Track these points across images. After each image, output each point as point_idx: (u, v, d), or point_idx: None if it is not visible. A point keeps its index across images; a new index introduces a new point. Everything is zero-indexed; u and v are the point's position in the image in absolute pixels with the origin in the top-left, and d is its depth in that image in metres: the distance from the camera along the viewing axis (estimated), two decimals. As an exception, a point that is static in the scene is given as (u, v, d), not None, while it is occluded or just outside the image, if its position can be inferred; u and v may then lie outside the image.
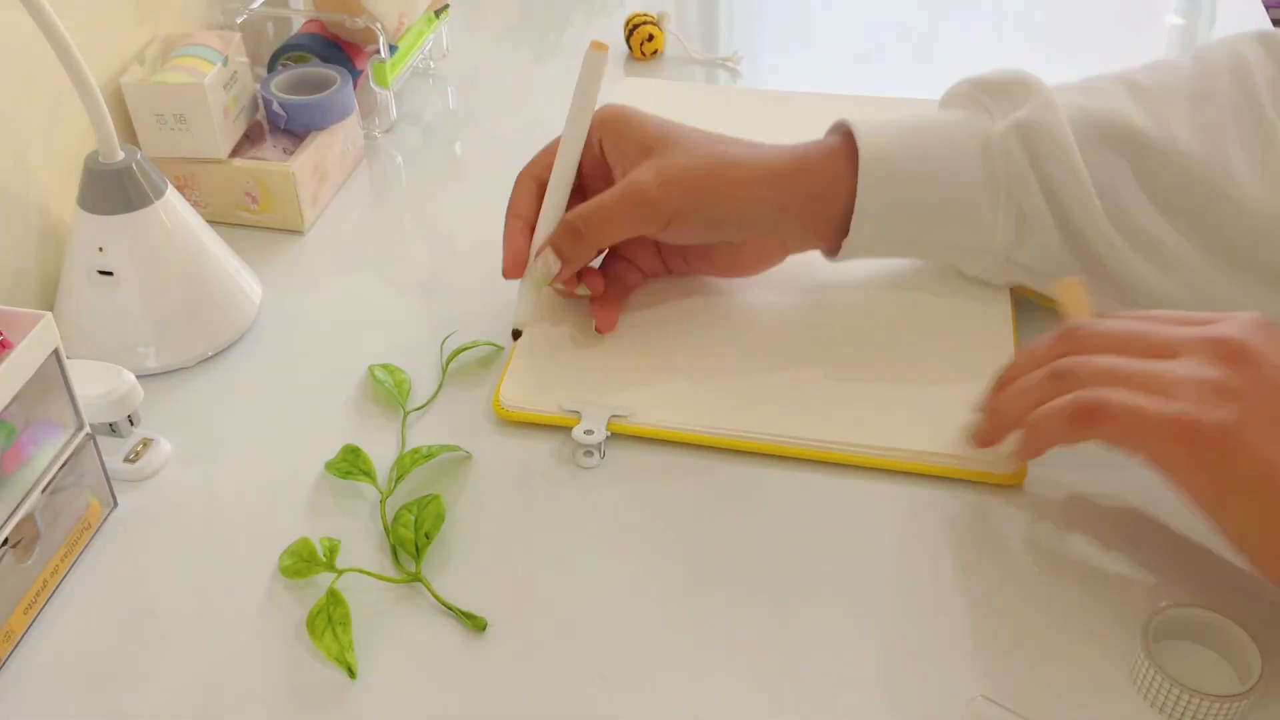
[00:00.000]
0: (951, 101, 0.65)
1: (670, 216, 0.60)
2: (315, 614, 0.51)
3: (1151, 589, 0.51)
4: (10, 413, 0.48)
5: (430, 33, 0.89)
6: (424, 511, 0.55)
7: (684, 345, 0.64)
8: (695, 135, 0.62)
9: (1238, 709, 0.46)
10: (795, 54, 0.95)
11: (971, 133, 0.61)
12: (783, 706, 0.48)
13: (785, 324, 0.65)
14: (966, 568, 0.53)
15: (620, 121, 0.62)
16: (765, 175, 0.60)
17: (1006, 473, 0.56)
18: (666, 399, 0.60)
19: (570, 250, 0.60)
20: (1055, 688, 0.48)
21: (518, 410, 0.60)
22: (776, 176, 0.60)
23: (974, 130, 0.61)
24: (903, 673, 0.49)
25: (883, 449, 0.58)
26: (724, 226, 0.62)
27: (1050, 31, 0.98)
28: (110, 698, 0.49)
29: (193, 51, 0.73)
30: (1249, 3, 1.00)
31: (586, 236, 0.60)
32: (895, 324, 0.65)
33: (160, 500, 0.57)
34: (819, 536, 0.55)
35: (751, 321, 0.65)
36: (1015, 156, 0.59)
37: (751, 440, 0.58)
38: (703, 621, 0.51)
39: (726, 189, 0.60)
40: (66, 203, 0.68)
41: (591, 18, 1.00)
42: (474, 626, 0.51)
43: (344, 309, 0.69)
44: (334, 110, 0.77)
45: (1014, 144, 0.59)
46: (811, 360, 0.63)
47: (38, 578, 0.52)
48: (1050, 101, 0.59)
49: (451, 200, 0.80)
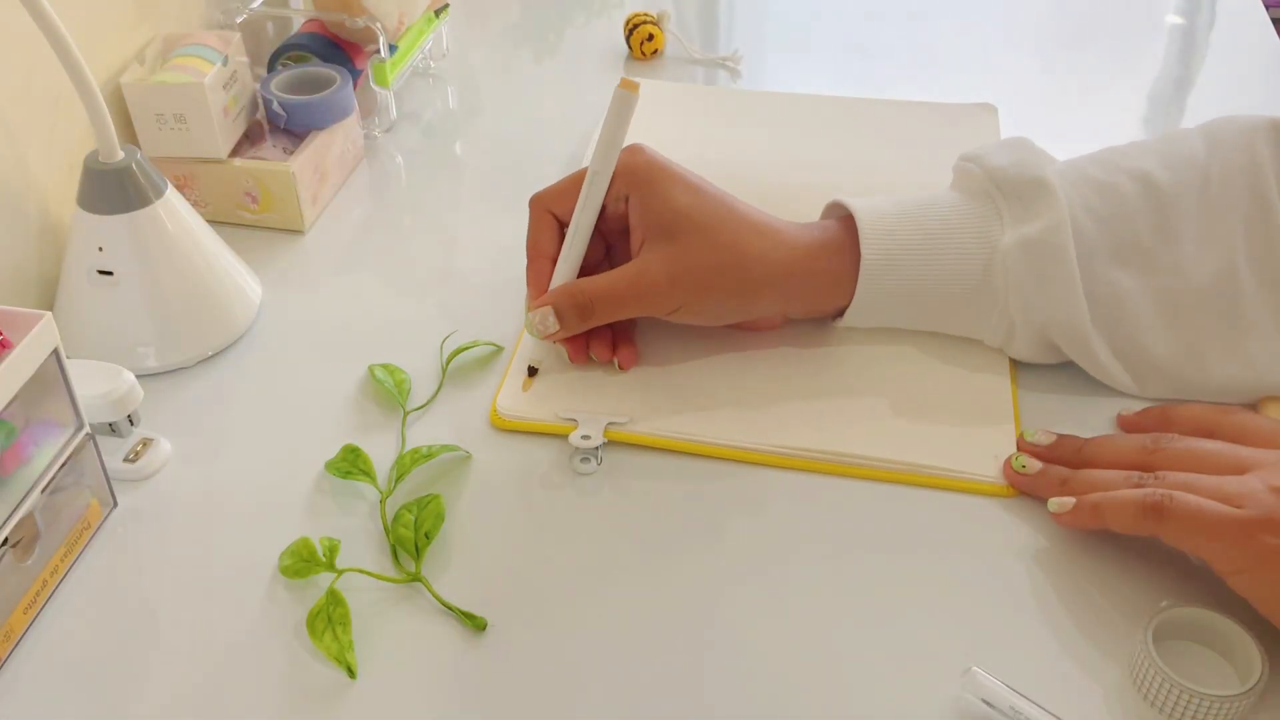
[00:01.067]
0: (960, 184, 0.63)
1: (676, 307, 0.61)
2: (315, 614, 0.51)
3: (1151, 589, 0.51)
4: (10, 412, 0.48)
5: (430, 32, 0.89)
6: (424, 511, 0.55)
7: (680, 355, 0.64)
8: (719, 215, 0.61)
9: (1238, 709, 0.46)
10: (795, 54, 0.95)
11: (977, 240, 0.60)
12: (783, 705, 0.48)
13: (782, 335, 0.65)
14: (965, 569, 0.53)
15: (651, 184, 0.61)
16: (776, 276, 0.60)
17: (1000, 485, 0.57)
18: (664, 407, 0.60)
19: (572, 321, 0.61)
20: (1055, 687, 0.48)
21: (515, 420, 0.60)
22: (787, 277, 0.61)
23: (980, 237, 0.60)
24: (901, 673, 0.49)
25: (878, 461, 0.58)
26: (729, 319, 0.63)
27: (1050, 31, 0.98)
28: (110, 698, 0.49)
29: (193, 51, 0.73)
30: (1249, 3, 1.00)
31: (592, 315, 0.61)
32: (892, 337, 0.65)
33: (160, 500, 0.57)
34: (815, 543, 0.55)
35: (748, 333, 0.65)
36: (1018, 275, 0.59)
37: (747, 450, 0.58)
38: (700, 624, 0.51)
39: (735, 290, 0.60)
40: (66, 203, 0.68)
41: (591, 18, 1.00)
42: (474, 626, 0.51)
43: (344, 309, 0.69)
44: (334, 110, 0.77)
45: (1019, 262, 0.59)
46: (808, 372, 0.63)
47: (38, 578, 0.52)
48: (1062, 221, 0.58)
49: (451, 200, 0.80)
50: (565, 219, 0.63)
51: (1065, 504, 0.53)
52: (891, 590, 0.52)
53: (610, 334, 0.63)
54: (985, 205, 0.61)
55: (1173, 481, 0.50)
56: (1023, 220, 0.60)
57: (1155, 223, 0.59)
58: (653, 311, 0.61)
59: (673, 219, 0.60)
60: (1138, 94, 0.90)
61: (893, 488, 0.57)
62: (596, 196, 0.61)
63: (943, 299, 0.61)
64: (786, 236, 0.61)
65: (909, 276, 0.61)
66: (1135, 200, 0.60)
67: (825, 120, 0.85)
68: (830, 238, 0.62)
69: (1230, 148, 0.60)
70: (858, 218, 0.61)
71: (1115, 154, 0.63)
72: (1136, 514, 0.50)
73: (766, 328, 0.65)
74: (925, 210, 0.61)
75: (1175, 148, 0.62)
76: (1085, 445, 0.56)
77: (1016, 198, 0.60)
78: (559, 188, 0.63)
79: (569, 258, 0.62)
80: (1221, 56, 0.95)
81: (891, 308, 0.62)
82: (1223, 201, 0.59)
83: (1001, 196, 0.61)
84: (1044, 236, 0.58)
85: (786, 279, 0.61)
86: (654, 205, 0.60)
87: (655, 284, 0.60)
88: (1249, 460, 0.50)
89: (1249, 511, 0.47)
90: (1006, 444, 0.58)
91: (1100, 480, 0.53)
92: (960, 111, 0.84)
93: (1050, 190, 0.59)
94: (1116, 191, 0.60)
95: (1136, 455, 0.54)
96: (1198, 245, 0.59)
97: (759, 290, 0.61)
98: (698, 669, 0.49)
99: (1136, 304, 0.59)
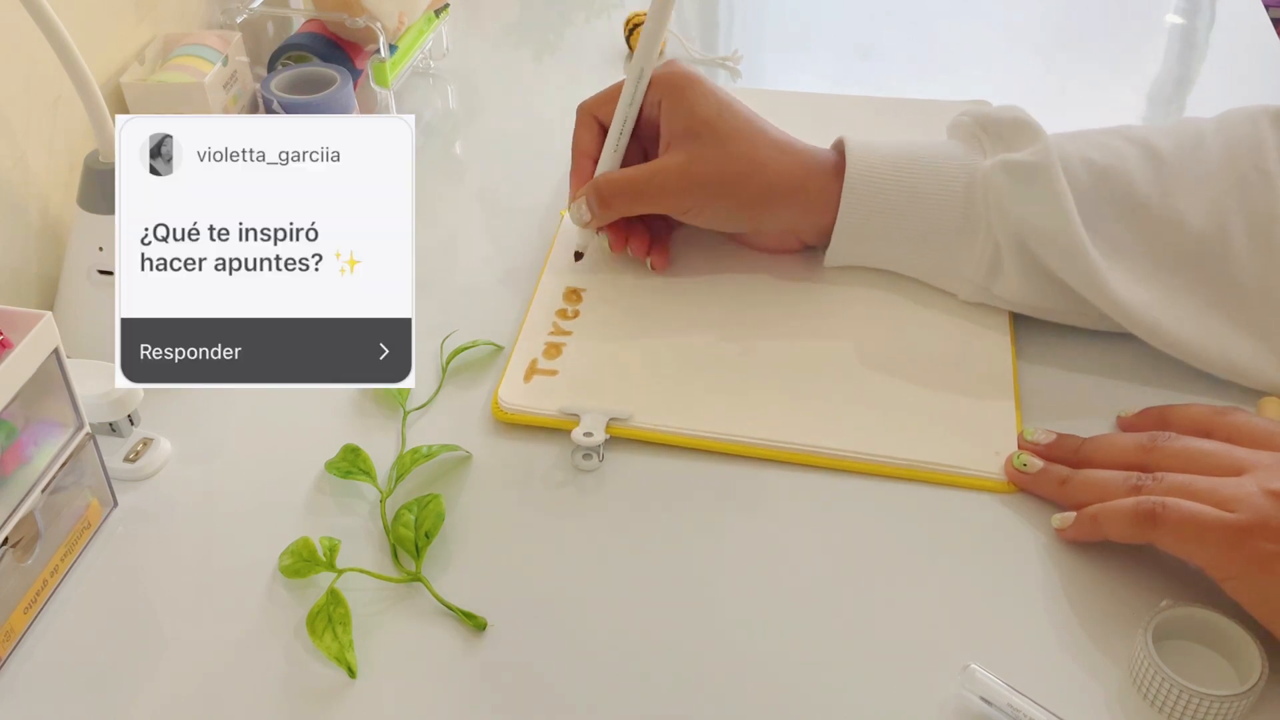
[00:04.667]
0: (953, 133, 0.67)
1: (688, 208, 0.66)
2: (315, 614, 0.51)
3: (1152, 589, 0.51)
4: (10, 412, 0.48)
5: (430, 32, 0.89)
6: (424, 511, 0.55)
7: (684, 350, 0.64)
8: (738, 127, 0.65)
9: (1238, 709, 0.46)
10: (795, 54, 0.95)
11: (959, 165, 0.63)
12: (782, 702, 0.48)
13: (785, 330, 0.65)
14: (965, 567, 0.53)
15: (681, 91, 0.65)
16: (783, 189, 0.65)
17: (1001, 482, 0.57)
18: (666, 403, 0.60)
19: (598, 211, 0.66)
20: (1055, 686, 0.48)
21: (516, 413, 0.60)
22: (793, 192, 0.65)
23: (962, 164, 0.63)
24: (900, 670, 0.49)
25: (880, 457, 0.58)
26: (738, 226, 0.68)
27: (1050, 31, 0.98)
28: (110, 697, 0.49)
29: (192, 51, 0.73)
30: (1249, 3, 1.00)
31: (612, 206, 0.66)
32: (894, 332, 0.65)
33: (160, 500, 0.57)
34: (817, 539, 0.55)
35: (751, 327, 0.65)
36: (999, 192, 0.61)
37: (750, 445, 0.58)
38: (700, 622, 0.51)
39: (741, 195, 0.65)
40: (66, 203, 0.68)
41: (591, 17, 1.00)
42: (474, 626, 0.51)
43: (344, 309, 0.69)
44: (334, 110, 0.76)
45: (999, 181, 0.61)
46: (811, 367, 0.63)
47: (38, 577, 0.52)
48: (1047, 148, 0.61)
49: (451, 200, 0.80)
50: (607, 122, 0.67)
51: (1067, 519, 0.53)
52: (891, 586, 0.52)
53: (648, 234, 0.68)
54: (970, 142, 0.65)
55: (1169, 484, 0.51)
56: (1005, 150, 0.62)
57: (1151, 179, 0.61)
58: (667, 208, 0.66)
59: (697, 125, 0.64)
60: (1138, 94, 0.90)
61: (894, 484, 0.57)
62: (640, 88, 0.65)
63: (925, 225, 0.63)
64: (798, 154, 0.65)
65: (890, 201, 0.63)
66: (1133, 159, 0.62)
67: (824, 119, 0.85)
68: (831, 160, 0.66)
69: (1234, 124, 0.62)
70: (846, 143, 0.65)
71: (1120, 127, 0.65)
72: (1131, 522, 0.50)
73: (780, 249, 0.69)
74: (913, 146, 0.65)
75: (1183, 127, 0.64)
76: (1084, 445, 0.56)
77: (999, 136, 0.63)
78: (604, 95, 0.68)
79: (610, 150, 0.66)
80: (1221, 56, 0.95)
81: (875, 236, 0.65)
82: (1223, 167, 0.61)
83: (985, 135, 0.64)
84: (1027, 159, 0.61)
85: (789, 192, 0.65)
86: (681, 110, 0.65)
87: (671, 181, 0.64)
88: (1245, 461, 0.50)
89: (1242, 516, 0.47)
90: (1008, 440, 0.58)
91: (1098, 481, 0.54)
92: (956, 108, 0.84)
93: (1035, 129, 0.62)
94: (1115, 150, 0.62)
95: (1134, 454, 0.54)
96: (1193, 202, 0.60)
97: (764, 199, 0.65)
98: (698, 667, 0.49)
99: (1130, 252, 0.61)
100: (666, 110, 0.65)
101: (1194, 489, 0.50)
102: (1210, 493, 0.49)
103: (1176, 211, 0.60)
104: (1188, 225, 0.60)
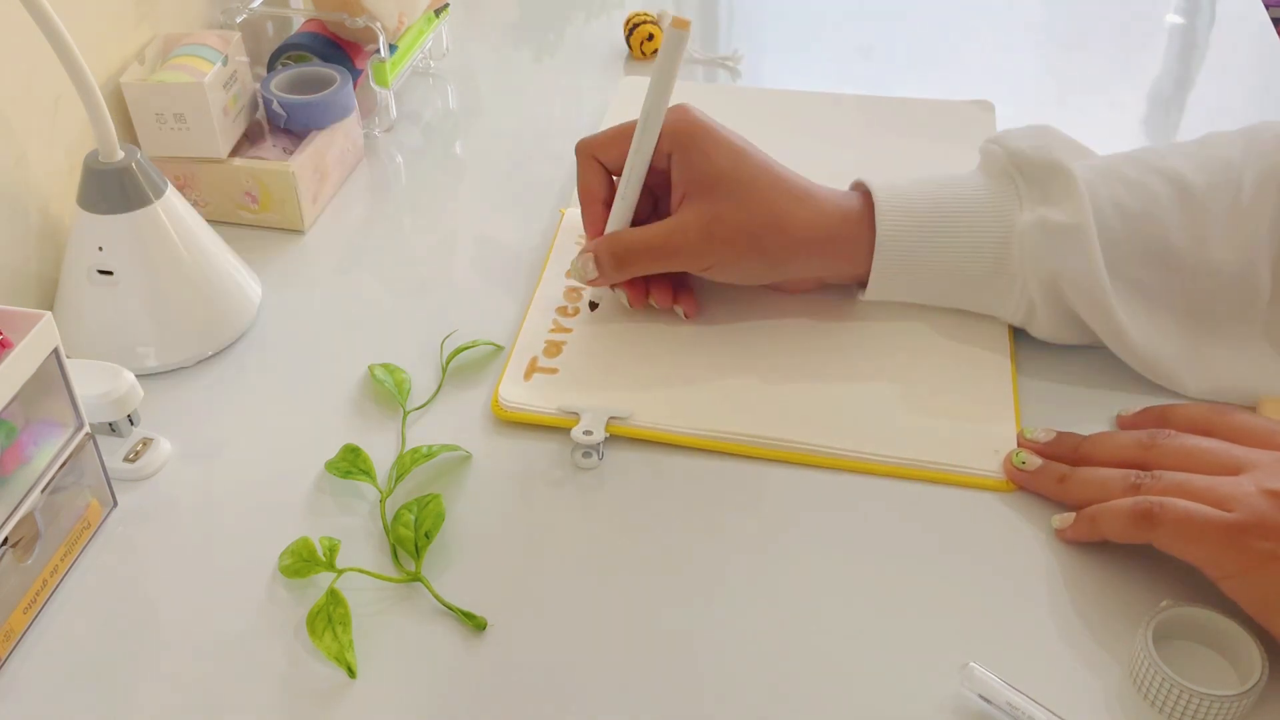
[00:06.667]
0: (985, 165, 0.64)
1: (709, 265, 0.63)
2: (315, 614, 0.51)
3: (1152, 589, 0.51)
4: (10, 412, 0.48)
5: (430, 32, 0.89)
6: (424, 511, 0.55)
7: (683, 348, 0.64)
8: (755, 177, 0.62)
9: (1238, 708, 0.46)
10: (795, 53, 0.95)
11: (994, 217, 0.61)
12: (782, 700, 0.48)
13: (785, 329, 0.65)
14: (965, 567, 0.53)
15: (694, 141, 0.62)
16: (807, 241, 0.62)
17: (1001, 480, 0.57)
18: (665, 401, 0.60)
19: (608, 270, 0.63)
20: (1054, 685, 0.48)
21: (516, 410, 0.60)
22: (817, 243, 0.62)
23: (997, 215, 0.61)
24: (900, 668, 0.49)
25: (880, 456, 0.58)
26: (761, 280, 0.65)
27: (1050, 31, 0.98)
28: (110, 697, 0.49)
29: (192, 51, 0.73)
30: (1249, 3, 1.00)
31: (628, 266, 0.63)
32: (894, 332, 0.65)
33: (160, 500, 0.57)
34: (817, 537, 0.55)
35: (751, 325, 0.65)
36: (1035, 256, 0.60)
37: (750, 444, 0.58)
38: (702, 620, 0.51)
39: (767, 252, 0.62)
40: (66, 202, 0.68)
41: (591, 17, 1.00)
42: (474, 626, 0.51)
43: (344, 309, 0.69)
44: (334, 110, 0.77)
45: (1036, 239, 0.59)
46: (810, 365, 0.63)
47: (37, 577, 0.52)
48: (1083, 206, 0.58)
49: (451, 200, 0.80)
50: (610, 166, 0.64)
51: (1066, 519, 0.54)
52: (891, 584, 0.52)
53: (670, 283, 0.65)
54: (1005, 185, 0.62)
55: (1167, 482, 0.51)
56: (1041, 203, 0.60)
57: (1185, 224, 0.59)
58: (686, 267, 0.63)
59: (713, 179, 0.61)
60: (1138, 94, 0.90)
61: (894, 483, 0.57)
62: (650, 139, 0.62)
63: (961, 274, 0.62)
64: (822, 203, 0.62)
65: (924, 251, 0.62)
66: (1166, 200, 0.60)
67: (824, 118, 0.85)
68: (855, 208, 0.63)
69: (1266, 153, 0.60)
70: (873, 191, 0.62)
71: (1151, 154, 0.63)
72: (1129, 522, 0.50)
73: (798, 290, 0.67)
74: (944, 188, 0.62)
75: (1212, 151, 0.62)
76: (1083, 443, 0.56)
77: (1036, 181, 0.61)
78: (604, 136, 0.64)
79: (622, 204, 0.63)
80: (1221, 56, 0.95)
81: (910, 283, 0.63)
82: (1255, 207, 0.59)
83: (1022, 178, 0.61)
84: (1066, 220, 0.59)
85: (817, 245, 0.62)
86: (695, 163, 0.62)
87: (690, 241, 0.62)
88: (1243, 460, 0.50)
89: (1238, 515, 0.47)
90: (1007, 439, 0.58)
91: (1097, 479, 0.54)
92: (956, 108, 0.84)
93: (1070, 177, 0.59)
94: (1147, 190, 0.60)
95: (1133, 452, 0.54)
96: (1224, 248, 0.59)
97: (791, 254, 0.62)
98: (698, 666, 0.49)
99: (1157, 302, 0.60)
100: (679, 162, 0.62)
101: (1192, 488, 0.50)
102: (1208, 491, 0.49)
103: (1211, 260, 0.59)
104: (1221, 272, 0.59)
